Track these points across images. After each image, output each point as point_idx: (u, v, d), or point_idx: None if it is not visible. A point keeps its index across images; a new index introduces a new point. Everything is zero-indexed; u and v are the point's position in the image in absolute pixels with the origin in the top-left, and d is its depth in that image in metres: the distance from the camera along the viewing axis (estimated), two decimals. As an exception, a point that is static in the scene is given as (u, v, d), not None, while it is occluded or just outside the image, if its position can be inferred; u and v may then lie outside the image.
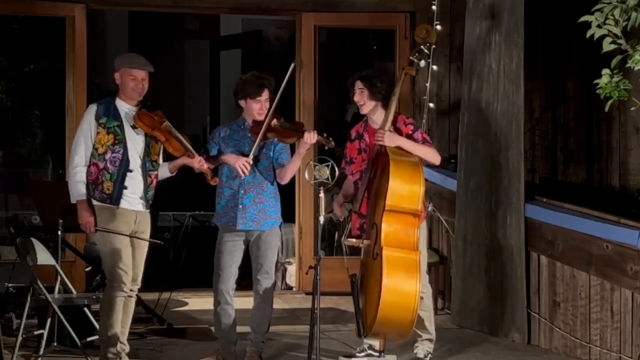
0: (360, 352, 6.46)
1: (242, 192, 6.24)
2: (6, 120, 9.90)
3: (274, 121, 6.15)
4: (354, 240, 6.28)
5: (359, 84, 6.32)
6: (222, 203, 6.32)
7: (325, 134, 6.20)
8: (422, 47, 6.46)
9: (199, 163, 6.10)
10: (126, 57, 6.24)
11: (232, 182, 6.27)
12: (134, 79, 6.08)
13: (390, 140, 6.16)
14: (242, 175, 6.16)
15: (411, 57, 6.45)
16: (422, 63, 6.62)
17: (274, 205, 6.31)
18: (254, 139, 6.19)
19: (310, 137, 6.09)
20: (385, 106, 6.28)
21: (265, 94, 6.21)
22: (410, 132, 6.28)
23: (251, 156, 6.16)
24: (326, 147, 6.23)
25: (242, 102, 6.31)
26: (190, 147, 6.12)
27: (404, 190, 5.98)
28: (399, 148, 6.16)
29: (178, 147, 6.11)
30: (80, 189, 6.05)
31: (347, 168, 6.47)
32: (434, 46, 7.24)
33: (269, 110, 6.19)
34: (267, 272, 6.29)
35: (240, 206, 6.22)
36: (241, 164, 6.14)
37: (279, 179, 6.28)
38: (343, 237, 6.40)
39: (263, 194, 6.26)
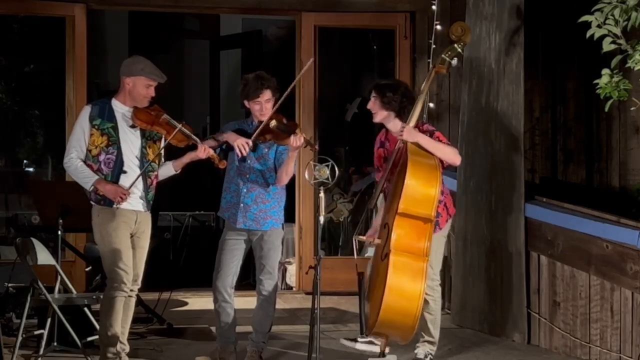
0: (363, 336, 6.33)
1: (245, 190, 6.24)
2: (6, 120, 9.91)
3: (272, 122, 6.12)
4: (364, 237, 6.26)
5: (373, 93, 6.29)
6: (227, 198, 6.32)
7: (312, 137, 6.21)
8: (455, 45, 6.25)
9: (204, 152, 6.06)
10: (142, 65, 6.10)
11: (237, 178, 6.27)
12: (149, 87, 6.07)
13: (409, 135, 6.06)
14: (240, 155, 6.11)
15: (443, 56, 6.25)
16: (455, 61, 6.32)
17: (275, 207, 6.30)
18: None
19: (296, 141, 6.04)
20: (400, 116, 6.20)
21: (265, 95, 6.18)
22: (428, 134, 6.17)
23: (251, 140, 6.11)
24: (311, 150, 6.21)
25: (245, 103, 6.31)
26: (192, 135, 6.08)
27: (418, 193, 5.90)
28: (418, 146, 6.08)
29: (181, 138, 6.08)
30: (87, 171, 6.00)
31: (377, 175, 6.44)
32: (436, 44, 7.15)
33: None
34: (269, 272, 6.28)
35: (242, 204, 6.22)
36: (240, 144, 6.09)
37: (276, 181, 6.25)
38: (354, 234, 6.36)
39: (265, 194, 6.26)
